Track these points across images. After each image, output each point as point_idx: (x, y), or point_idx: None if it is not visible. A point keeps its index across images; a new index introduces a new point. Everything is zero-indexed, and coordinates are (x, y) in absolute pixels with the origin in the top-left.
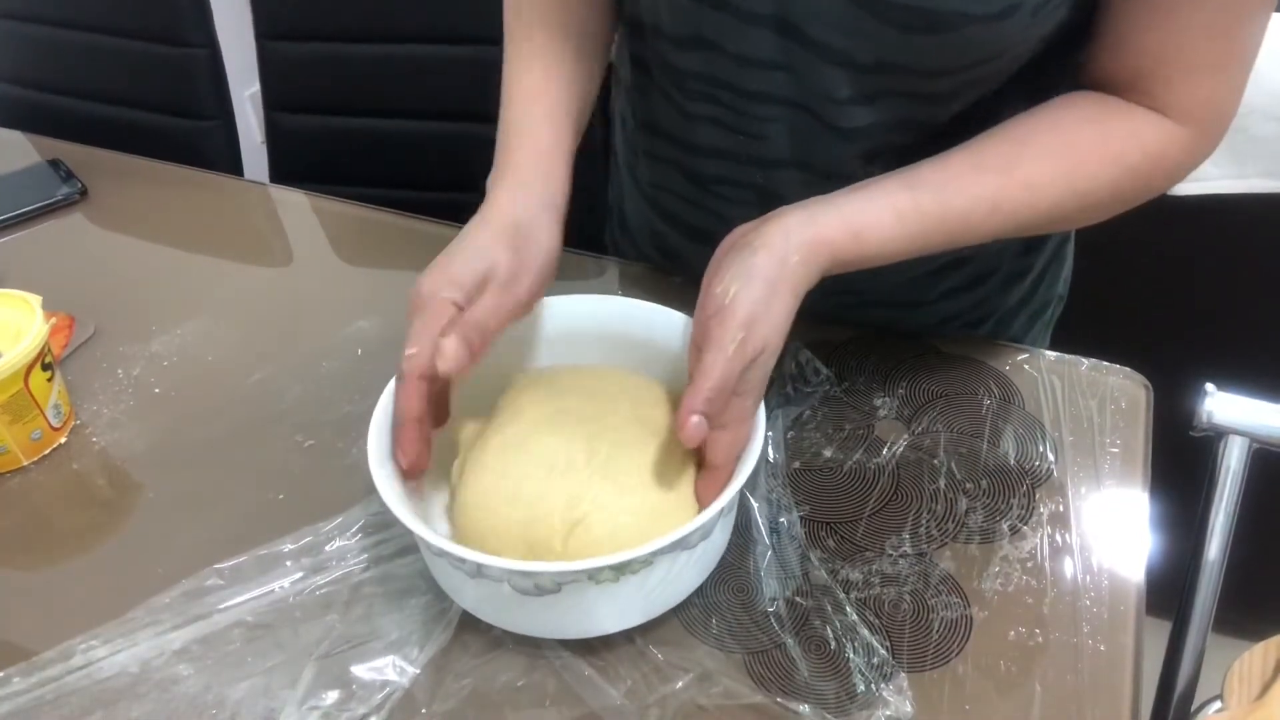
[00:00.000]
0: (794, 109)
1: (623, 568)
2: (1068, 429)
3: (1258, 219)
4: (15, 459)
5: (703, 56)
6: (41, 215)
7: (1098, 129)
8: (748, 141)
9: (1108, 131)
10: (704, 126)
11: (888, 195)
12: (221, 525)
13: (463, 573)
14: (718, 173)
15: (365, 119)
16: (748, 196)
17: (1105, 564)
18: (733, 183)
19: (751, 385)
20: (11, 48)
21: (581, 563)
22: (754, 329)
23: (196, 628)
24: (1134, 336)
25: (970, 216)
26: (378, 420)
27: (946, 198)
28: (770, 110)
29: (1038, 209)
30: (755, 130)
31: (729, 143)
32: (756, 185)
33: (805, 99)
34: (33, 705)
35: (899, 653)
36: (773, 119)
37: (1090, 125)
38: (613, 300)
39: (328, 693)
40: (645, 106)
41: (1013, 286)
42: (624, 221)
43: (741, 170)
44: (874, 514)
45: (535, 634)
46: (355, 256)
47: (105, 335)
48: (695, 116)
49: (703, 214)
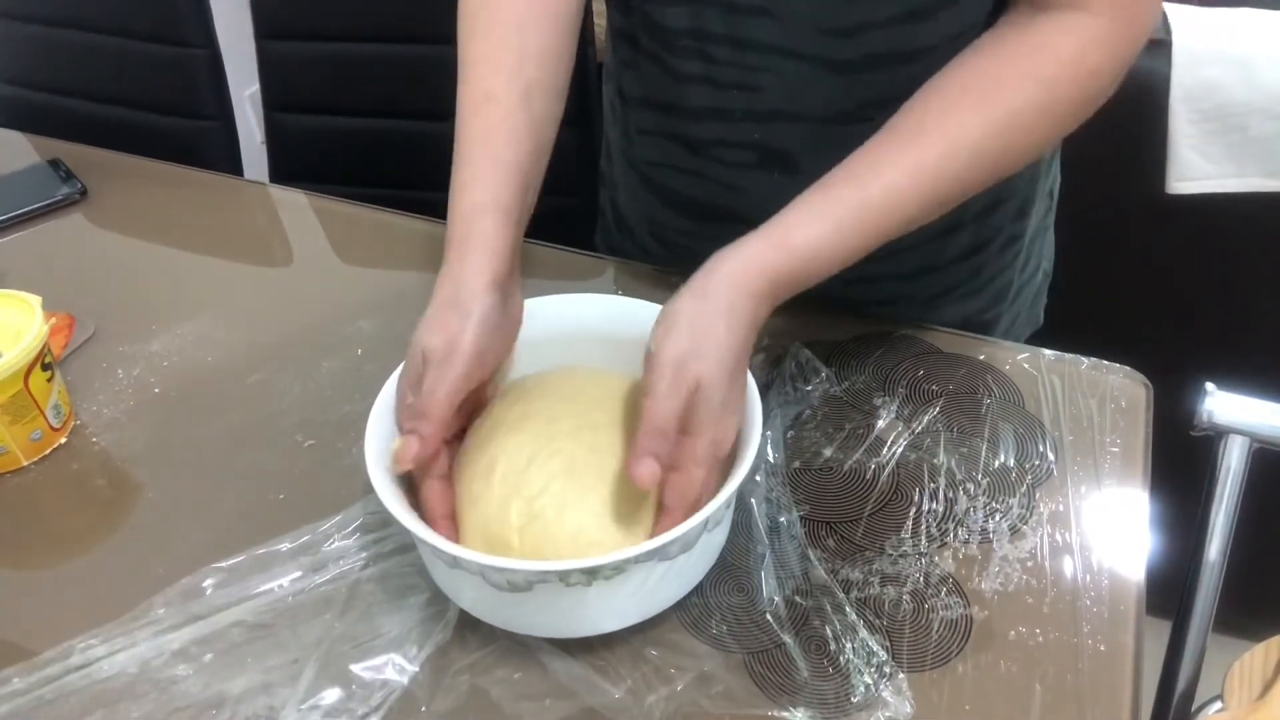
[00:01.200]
0: (784, 55)
1: (594, 572)
2: (1068, 428)
3: (1257, 219)
4: (15, 459)
5: (689, 10)
6: (41, 215)
7: (1002, 57)
8: (741, 95)
9: (1015, 55)
10: (695, 86)
11: (804, 202)
12: (221, 525)
13: (461, 570)
14: (714, 135)
15: (365, 119)
16: (746, 157)
17: (1105, 564)
18: (730, 143)
19: (701, 424)
20: (11, 48)
21: (550, 564)
22: (683, 368)
23: (196, 627)
24: (1134, 336)
25: (895, 190)
26: (375, 418)
27: (863, 181)
28: (761, 59)
29: (959, 156)
30: (749, 81)
31: (722, 99)
32: (754, 142)
33: (796, 41)
34: (32, 705)
35: (899, 653)
36: (764, 68)
37: (994, 57)
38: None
39: (327, 692)
40: (636, 81)
41: (1009, 251)
42: (620, 221)
43: (738, 128)
44: (874, 514)
45: (518, 631)
46: (355, 256)
47: (105, 335)
48: (686, 77)
49: (703, 184)
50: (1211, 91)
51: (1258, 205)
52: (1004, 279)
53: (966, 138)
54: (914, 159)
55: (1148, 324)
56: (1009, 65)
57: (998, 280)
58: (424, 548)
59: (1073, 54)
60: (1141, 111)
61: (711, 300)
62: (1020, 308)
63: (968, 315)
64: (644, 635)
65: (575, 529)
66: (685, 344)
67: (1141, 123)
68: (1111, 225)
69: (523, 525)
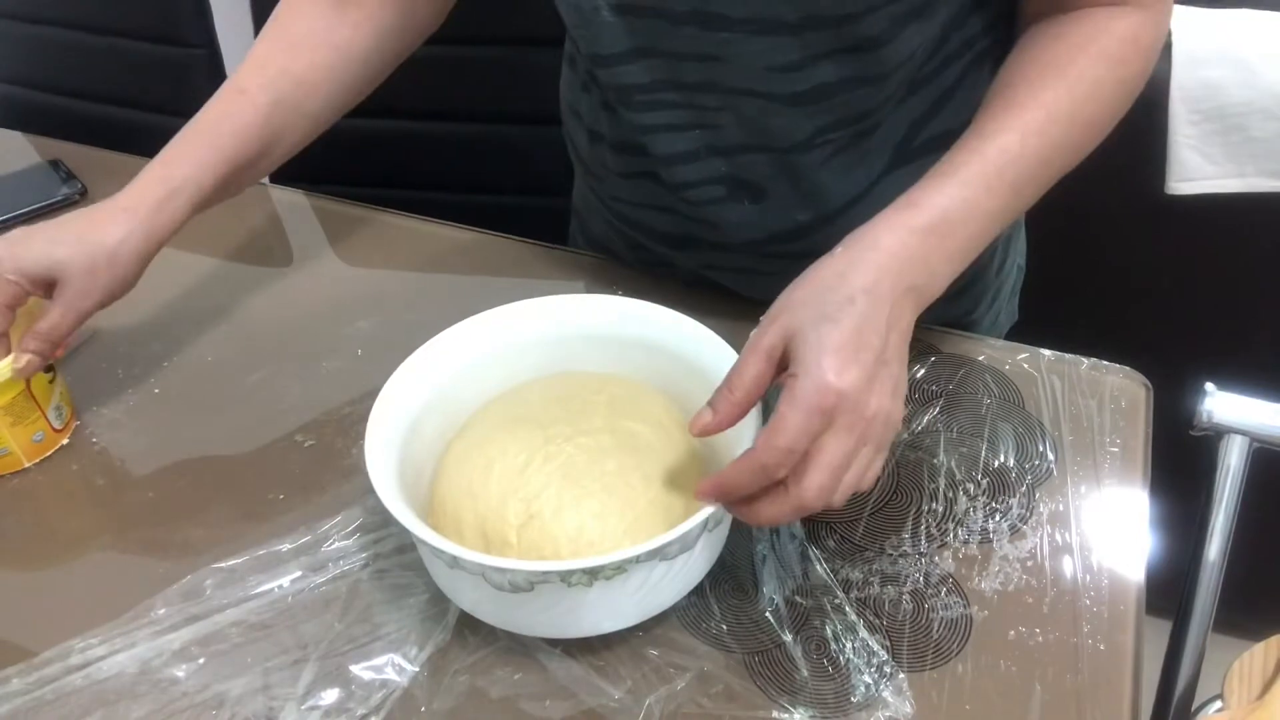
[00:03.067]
0: (738, 94)
1: (595, 572)
2: (1067, 428)
3: (1258, 219)
4: (18, 461)
5: (642, 66)
6: (41, 215)
7: (1070, 42)
8: (704, 134)
9: (1081, 40)
10: (659, 135)
11: (925, 177)
12: (221, 525)
13: (461, 570)
14: (683, 177)
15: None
16: (716, 192)
17: (1105, 563)
18: (698, 182)
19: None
20: (11, 48)
21: (552, 564)
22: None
23: (196, 628)
24: (1134, 336)
25: (1008, 151)
26: (375, 419)
27: (975, 147)
28: (716, 99)
29: (1059, 121)
30: (708, 121)
31: (685, 141)
32: (722, 175)
33: (747, 80)
34: (32, 705)
35: (899, 653)
36: (722, 107)
37: (1060, 42)
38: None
39: (327, 692)
40: (606, 127)
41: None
42: (587, 231)
43: (705, 165)
44: (874, 514)
45: (518, 632)
46: (355, 256)
47: (105, 335)
48: (648, 128)
49: (678, 219)
50: (1211, 92)
51: (1258, 205)
52: (983, 282)
53: (1059, 106)
54: (1019, 124)
55: (1147, 324)
56: (1078, 50)
57: (977, 284)
58: (424, 548)
59: (1130, 34)
60: (1141, 112)
61: (854, 314)
62: (1000, 306)
63: (949, 321)
64: (644, 635)
65: (574, 529)
66: (860, 375)
67: (1141, 123)
68: (1112, 225)
69: (521, 524)
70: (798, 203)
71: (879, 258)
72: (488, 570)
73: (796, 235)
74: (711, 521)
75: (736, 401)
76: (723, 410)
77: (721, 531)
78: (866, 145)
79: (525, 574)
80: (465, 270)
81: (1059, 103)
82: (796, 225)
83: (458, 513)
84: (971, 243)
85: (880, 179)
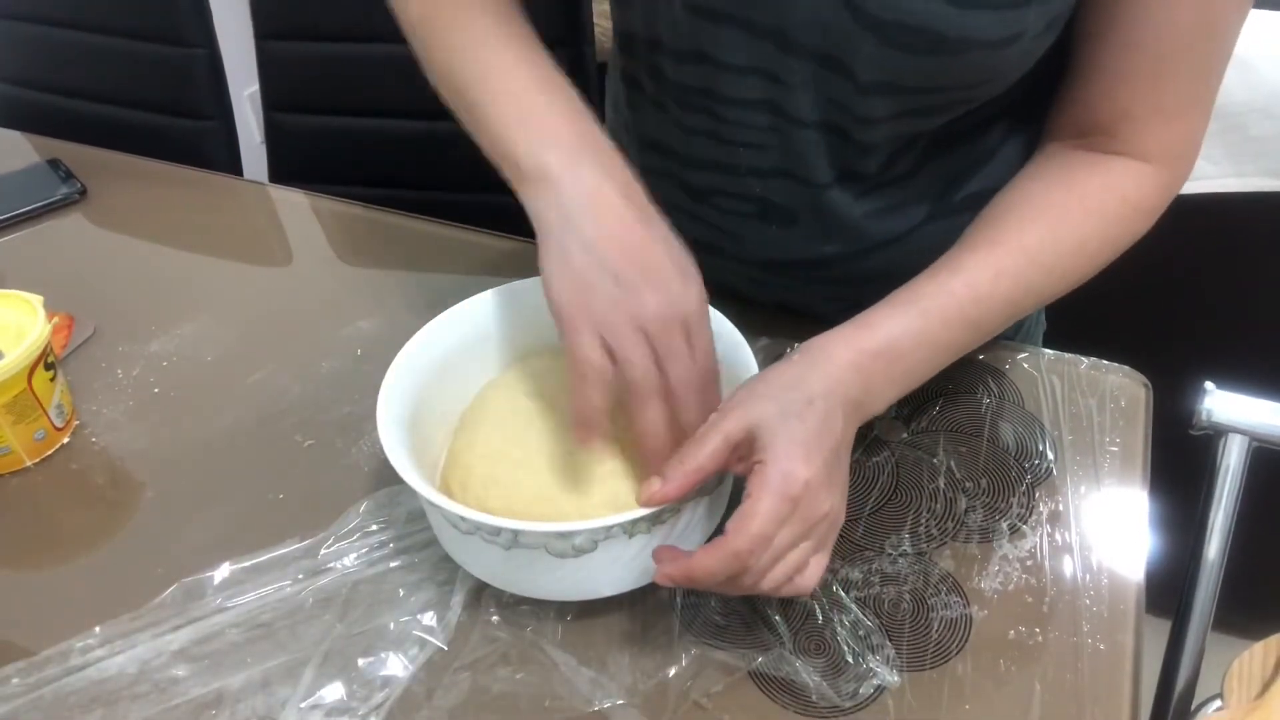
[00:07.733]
0: (789, 121)
1: (654, 518)
2: (1067, 428)
3: (1258, 219)
4: (19, 459)
5: (702, 71)
6: (41, 215)
7: (1073, 189)
8: (747, 152)
9: (1085, 190)
10: (700, 139)
11: (885, 300)
12: (221, 525)
13: (497, 545)
14: (715, 185)
15: (365, 119)
16: (747, 208)
17: (1105, 563)
18: (730, 194)
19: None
20: (11, 48)
21: (617, 516)
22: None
23: (196, 628)
24: (1134, 335)
25: (977, 287)
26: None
27: (944, 280)
28: (771, 120)
29: (1037, 267)
30: (755, 140)
31: (726, 154)
32: (755, 196)
33: (800, 113)
34: (32, 705)
35: (899, 652)
36: (772, 129)
37: (1062, 187)
38: None
39: (328, 690)
40: (638, 121)
41: None
42: None
43: (740, 182)
44: (874, 513)
45: (558, 597)
46: (355, 256)
47: (105, 335)
48: (691, 129)
49: (699, 225)
50: None
51: (1258, 205)
52: None
53: (1042, 254)
54: (995, 263)
55: (1147, 324)
56: (1077, 200)
57: None
58: (434, 514)
59: (1135, 196)
60: None
61: (814, 414)
62: (1038, 314)
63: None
64: (644, 635)
65: (613, 494)
66: (822, 467)
67: None
68: None
69: (486, 491)
70: (826, 235)
71: (831, 369)
72: (550, 539)
73: (820, 265)
74: None
75: (688, 472)
76: (674, 480)
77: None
78: (899, 194)
79: (589, 533)
80: (466, 270)
81: (1042, 252)
82: (822, 256)
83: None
84: (917, 369)
85: (919, 227)
